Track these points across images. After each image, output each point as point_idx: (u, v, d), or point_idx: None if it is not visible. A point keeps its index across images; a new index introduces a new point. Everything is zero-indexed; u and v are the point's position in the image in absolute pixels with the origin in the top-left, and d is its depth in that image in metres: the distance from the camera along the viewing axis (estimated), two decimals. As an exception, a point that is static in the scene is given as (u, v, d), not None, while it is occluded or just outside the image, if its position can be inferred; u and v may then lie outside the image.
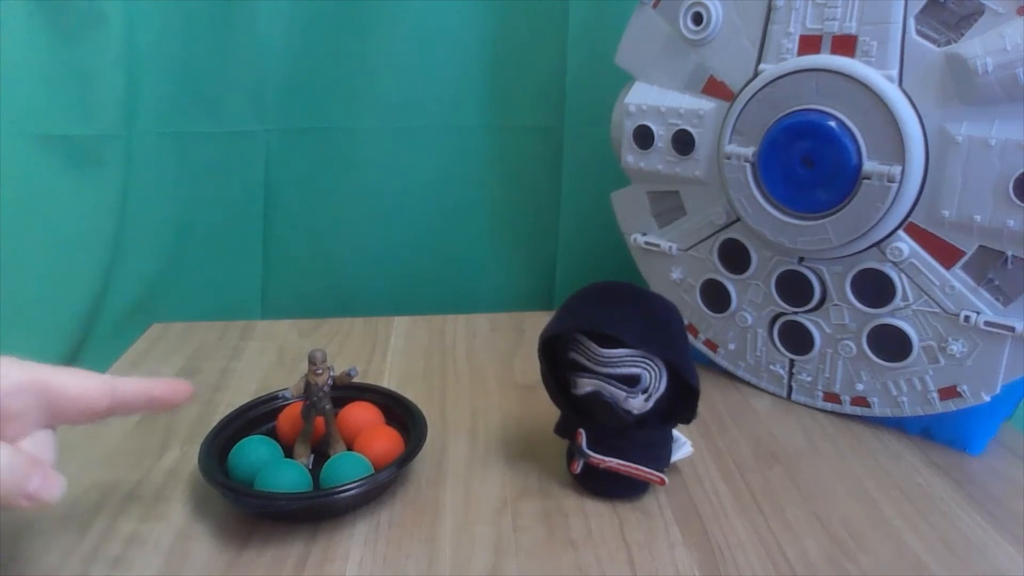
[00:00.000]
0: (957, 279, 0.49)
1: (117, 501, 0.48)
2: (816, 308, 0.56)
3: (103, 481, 0.50)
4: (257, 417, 0.52)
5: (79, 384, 0.39)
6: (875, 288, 0.52)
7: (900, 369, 0.53)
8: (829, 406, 0.58)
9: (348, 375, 0.50)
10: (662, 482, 0.47)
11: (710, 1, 0.55)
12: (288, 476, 0.46)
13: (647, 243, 0.64)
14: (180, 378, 0.44)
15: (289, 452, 0.50)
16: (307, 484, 0.46)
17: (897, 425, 0.56)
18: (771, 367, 0.60)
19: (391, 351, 0.70)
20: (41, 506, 0.35)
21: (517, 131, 0.77)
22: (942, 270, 0.49)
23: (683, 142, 0.58)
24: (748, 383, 0.62)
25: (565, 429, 0.50)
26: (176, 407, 0.43)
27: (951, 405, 0.51)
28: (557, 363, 0.48)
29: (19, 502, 0.35)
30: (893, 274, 0.51)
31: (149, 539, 0.44)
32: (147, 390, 0.41)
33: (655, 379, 0.45)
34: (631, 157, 0.62)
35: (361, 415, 0.52)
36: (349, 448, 0.50)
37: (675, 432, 0.50)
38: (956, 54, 0.45)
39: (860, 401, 0.56)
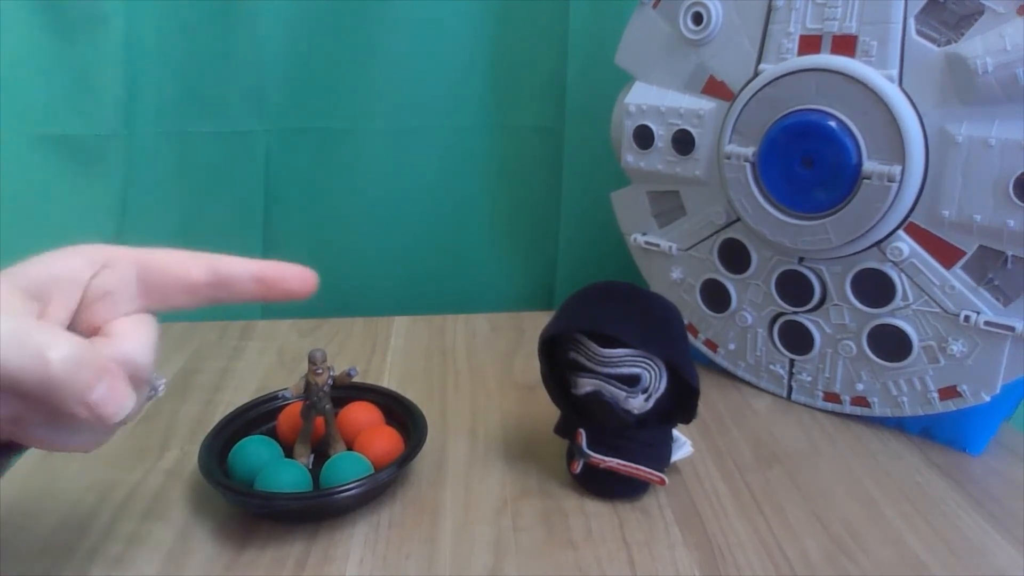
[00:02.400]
0: (957, 279, 0.49)
1: (117, 501, 0.48)
2: (816, 308, 0.56)
3: (103, 481, 0.49)
4: (257, 417, 0.52)
5: (169, 255, 0.35)
6: (875, 288, 0.52)
7: (900, 369, 0.53)
8: (829, 406, 0.58)
9: (348, 375, 0.50)
10: (662, 482, 0.47)
11: (710, 1, 0.55)
12: (288, 476, 0.46)
13: (647, 243, 0.64)
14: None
15: (289, 452, 0.50)
16: (307, 484, 0.46)
17: (897, 425, 0.56)
18: (771, 367, 0.60)
19: (391, 351, 0.70)
20: (98, 423, 0.29)
21: (517, 131, 0.77)
22: (942, 270, 0.49)
23: (683, 142, 0.58)
24: (748, 383, 0.62)
25: (565, 429, 0.50)
26: (293, 296, 0.36)
27: (951, 405, 0.51)
28: (557, 363, 0.48)
29: (75, 408, 0.29)
30: (893, 274, 0.51)
31: (149, 539, 0.44)
32: (248, 267, 0.35)
33: (655, 379, 0.45)
34: (631, 157, 0.62)
35: (361, 415, 0.52)
36: (349, 448, 0.50)
37: (675, 432, 0.50)
38: (956, 54, 0.45)
39: (860, 401, 0.56)
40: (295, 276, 0.36)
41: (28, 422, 0.30)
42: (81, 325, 0.33)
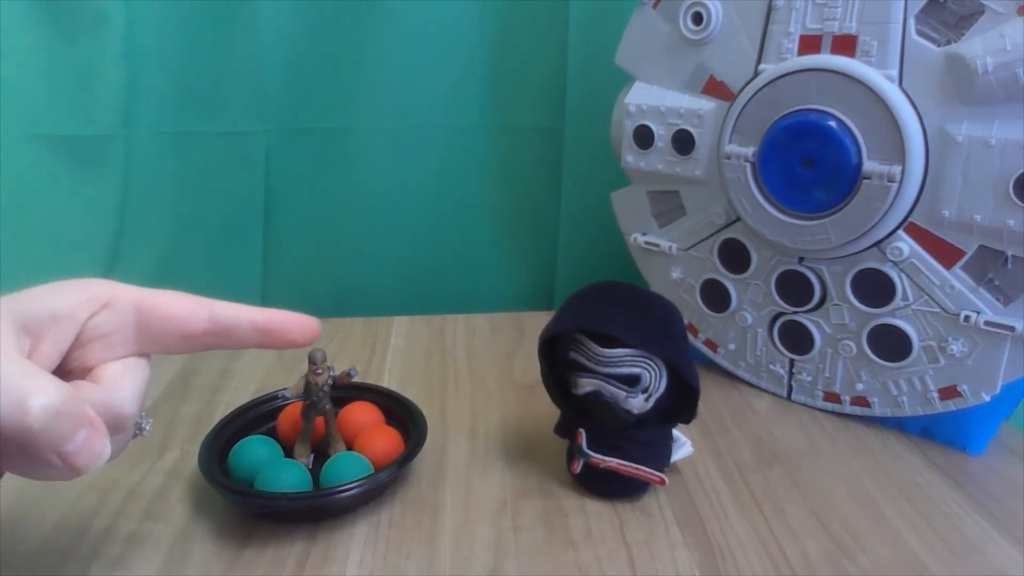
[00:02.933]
0: (957, 279, 0.49)
1: (117, 501, 0.48)
2: (816, 308, 0.56)
3: (103, 481, 0.49)
4: (257, 417, 0.52)
5: (172, 301, 0.34)
6: (875, 288, 0.52)
7: (900, 369, 0.53)
8: (829, 406, 0.58)
9: (348, 375, 0.50)
10: (662, 482, 0.47)
11: (710, 1, 0.55)
12: (288, 476, 0.46)
13: (647, 243, 0.64)
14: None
15: (289, 452, 0.50)
16: (307, 484, 0.46)
17: (897, 425, 0.56)
18: (771, 367, 0.60)
19: (391, 351, 0.70)
20: (69, 472, 0.29)
21: (517, 131, 0.77)
22: (942, 270, 0.49)
23: (683, 142, 0.58)
24: (748, 383, 0.62)
25: (565, 429, 0.50)
26: (294, 345, 0.36)
27: (951, 405, 0.51)
28: (557, 363, 0.48)
29: (48, 457, 0.28)
30: (893, 274, 0.51)
31: (149, 539, 0.44)
32: (250, 316, 0.35)
33: (655, 379, 0.45)
34: (631, 157, 0.62)
35: (361, 415, 0.52)
36: (349, 448, 0.50)
37: (675, 432, 0.50)
38: (956, 54, 0.45)
39: (860, 401, 0.56)
40: (297, 325, 0.36)
41: (2, 455, 0.29)
42: (73, 364, 0.32)
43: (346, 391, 0.52)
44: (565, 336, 0.47)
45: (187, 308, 0.34)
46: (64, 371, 0.32)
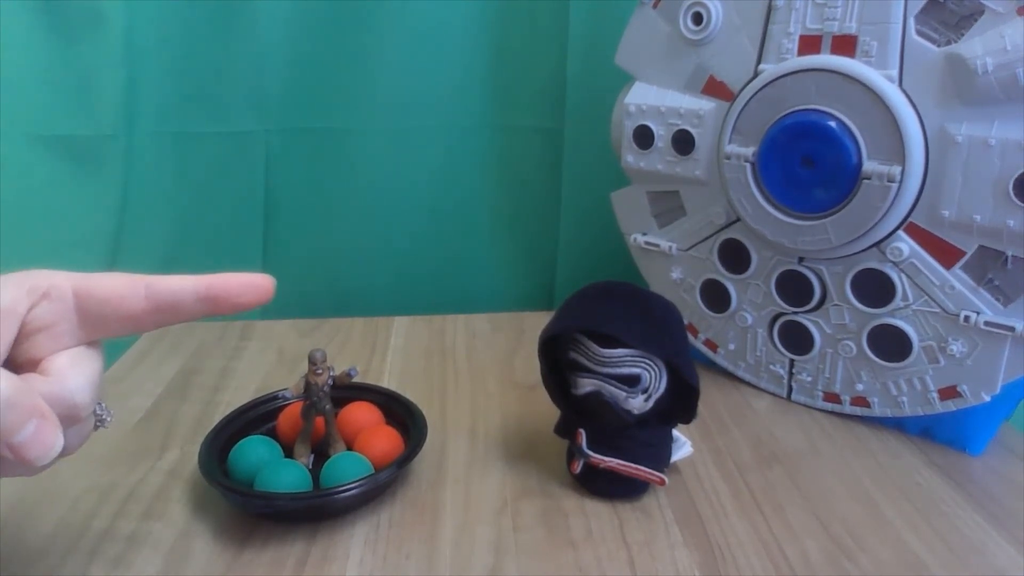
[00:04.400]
0: (957, 279, 0.49)
1: (117, 501, 0.48)
2: (816, 308, 0.56)
3: (103, 481, 0.50)
4: (257, 417, 0.52)
5: (107, 283, 0.33)
6: (875, 288, 0.52)
7: (900, 369, 0.53)
8: (829, 406, 0.58)
9: (348, 375, 0.50)
10: (662, 482, 0.47)
11: (710, 1, 0.55)
12: (288, 476, 0.46)
13: (647, 243, 0.64)
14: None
15: (289, 452, 0.50)
16: (307, 484, 0.46)
17: (897, 425, 0.56)
18: (771, 367, 0.60)
19: (391, 351, 0.70)
20: (21, 464, 0.29)
21: (517, 131, 0.77)
22: (942, 270, 0.49)
23: (683, 142, 0.58)
24: (748, 383, 0.62)
25: (565, 429, 0.50)
26: (247, 308, 0.34)
27: (951, 405, 0.51)
28: (557, 363, 0.48)
29: None
30: (893, 274, 0.51)
31: (149, 539, 0.44)
32: (193, 287, 0.33)
33: (655, 379, 0.45)
34: (631, 157, 0.62)
35: (361, 415, 0.52)
36: (349, 448, 0.50)
37: (675, 432, 0.50)
38: (956, 54, 0.45)
39: (860, 401, 0.56)
40: (245, 287, 0.34)
41: None
42: (21, 357, 0.32)
43: (346, 391, 0.52)
44: (565, 336, 0.47)
45: (122, 288, 0.33)
46: (14, 365, 0.32)
